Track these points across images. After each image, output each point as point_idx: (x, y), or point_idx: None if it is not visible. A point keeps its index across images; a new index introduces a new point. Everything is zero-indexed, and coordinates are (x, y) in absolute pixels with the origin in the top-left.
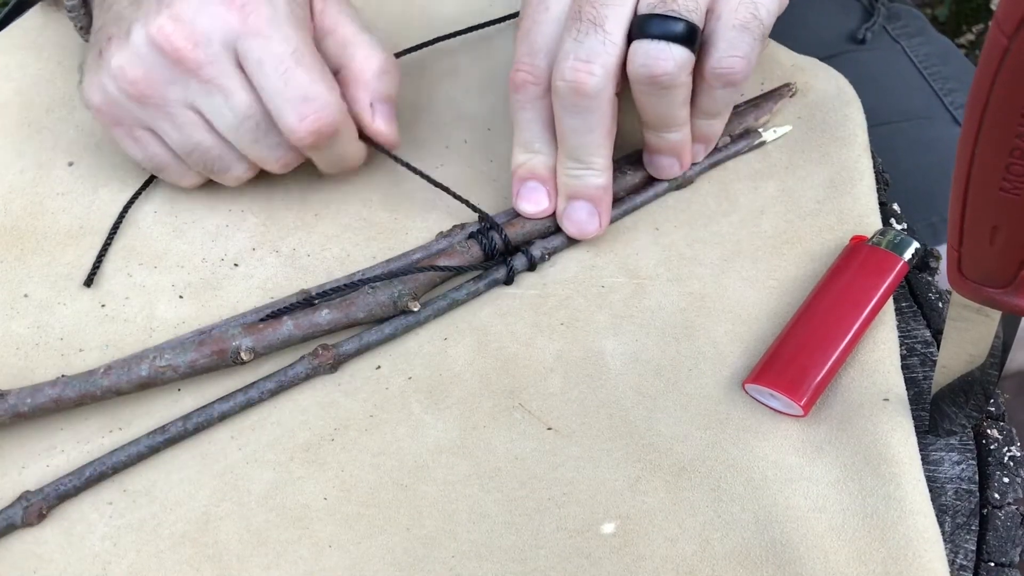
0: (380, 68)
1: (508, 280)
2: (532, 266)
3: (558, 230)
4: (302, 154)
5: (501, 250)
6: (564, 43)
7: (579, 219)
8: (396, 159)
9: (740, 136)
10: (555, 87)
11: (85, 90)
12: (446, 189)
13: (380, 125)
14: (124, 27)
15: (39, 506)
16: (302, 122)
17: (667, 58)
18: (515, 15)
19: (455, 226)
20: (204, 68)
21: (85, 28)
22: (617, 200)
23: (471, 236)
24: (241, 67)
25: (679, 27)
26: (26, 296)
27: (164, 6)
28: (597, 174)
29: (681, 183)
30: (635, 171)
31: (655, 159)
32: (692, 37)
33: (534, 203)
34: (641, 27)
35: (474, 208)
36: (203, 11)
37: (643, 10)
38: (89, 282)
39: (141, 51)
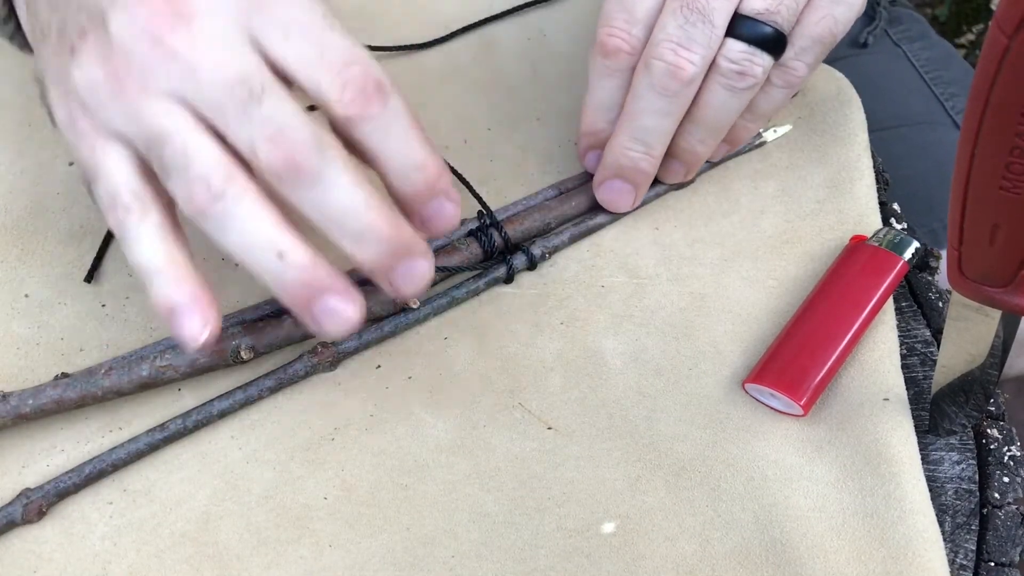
0: None
1: (508, 279)
2: (532, 265)
3: (558, 228)
4: None
5: (501, 248)
6: (667, 24)
7: (615, 195)
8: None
9: None
10: (649, 64)
11: (54, 104)
12: (456, 173)
13: None
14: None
15: (39, 503)
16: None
17: (759, 63)
18: (517, 8)
19: None
20: None
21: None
22: None
23: (470, 233)
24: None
25: (773, 33)
26: (26, 296)
27: None
28: (651, 161)
29: (681, 183)
30: None
31: (668, 161)
32: (781, 47)
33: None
34: (737, 25)
35: (479, 199)
36: None
37: (745, 11)
38: (89, 278)
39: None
